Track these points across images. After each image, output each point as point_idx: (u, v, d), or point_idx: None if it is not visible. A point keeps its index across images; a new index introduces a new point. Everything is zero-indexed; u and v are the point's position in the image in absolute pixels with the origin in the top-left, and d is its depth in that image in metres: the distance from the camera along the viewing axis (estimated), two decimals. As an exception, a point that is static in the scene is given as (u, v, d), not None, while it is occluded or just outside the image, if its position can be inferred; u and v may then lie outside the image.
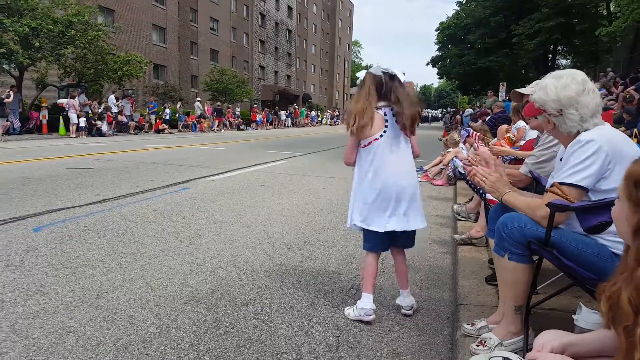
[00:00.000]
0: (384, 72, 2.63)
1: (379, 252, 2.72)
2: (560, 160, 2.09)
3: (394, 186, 2.57)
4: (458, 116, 22.78)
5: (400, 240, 2.71)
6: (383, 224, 2.58)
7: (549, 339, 1.48)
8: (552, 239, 1.84)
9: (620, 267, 1.18)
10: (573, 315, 1.81)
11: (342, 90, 79.21)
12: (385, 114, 2.60)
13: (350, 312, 2.66)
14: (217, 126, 28.36)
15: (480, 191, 3.27)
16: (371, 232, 2.62)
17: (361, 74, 2.70)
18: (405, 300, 2.73)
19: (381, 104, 2.61)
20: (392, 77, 2.62)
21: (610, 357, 1.27)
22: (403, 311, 2.73)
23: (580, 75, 2.00)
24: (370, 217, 2.61)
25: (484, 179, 2.12)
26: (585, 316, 1.75)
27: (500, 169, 2.15)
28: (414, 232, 2.72)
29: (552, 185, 1.88)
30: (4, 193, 5.88)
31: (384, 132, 2.59)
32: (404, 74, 2.68)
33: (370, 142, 2.59)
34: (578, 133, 1.97)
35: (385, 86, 2.60)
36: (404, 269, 2.76)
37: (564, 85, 1.95)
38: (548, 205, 1.79)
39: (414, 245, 2.81)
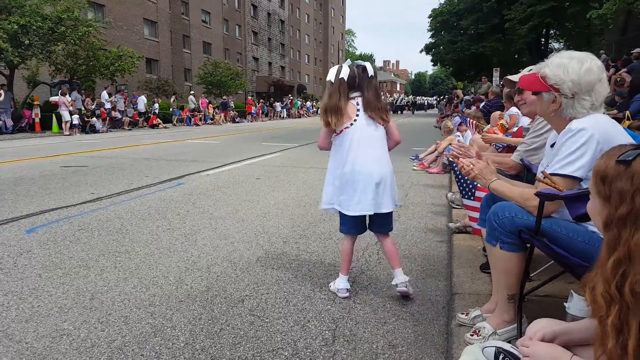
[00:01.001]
0: (356, 65, 2.80)
1: (354, 236, 2.89)
2: (552, 147, 2.07)
3: (361, 172, 2.71)
4: (458, 92, 22.17)
5: (376, 225, 2.85)
6: (352, 208, 2.74)
7: (540, 327, 1.49)
8: (542, 228, 1.84)
9: (599, 258, 1.19)
10: (565, 303, 1.81)
11: (336, 79, 78.67)
12: (357, 104, 2.77)
13: (331, 285, 2.95)
14: (224, 119, 29.43)
15: (463, 184, 3.26)
16: (344, 216, 2.80)
17: (333, 69, 2.84)
18: (399, 277, 2.80)
19: (355, 94, 2.79)
20: (364, 69, 2.79)
21: None
22: (399, 288, 2.77)
23: (599, 62, 1.95)
24: (340, 201, 2.79)
25: (471, 167, 2.11)
26: (577, 304, 1.75)
27: (487, 157, 2.13)
28: (388, 215, 2.82)
29: (543, 176, 1.86)
30: (-3, 194, 5.85)
31: (355, 120, 2.75)
32: (394, 64, 2.70)
33: (342, 130, 2.76)
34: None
35: (358, 78, 2.77)
36: (391, 249, 2.85)
37: (588, 69, 1.87)
38: (537, 194, 1.78)
39: (392, 229, 2.90)
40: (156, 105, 24.26)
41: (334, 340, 2.33)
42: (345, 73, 2.76)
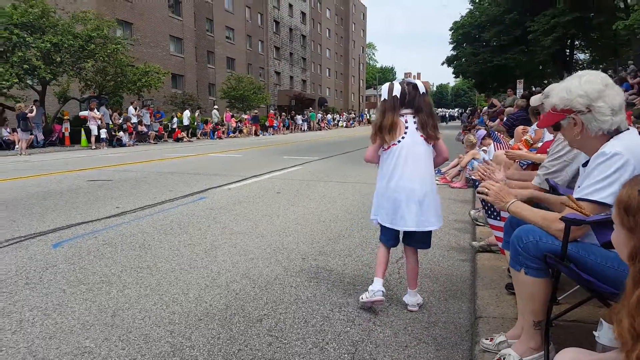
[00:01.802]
0: (407, 83, 2.87)
1: (388, 247, 2.95)
2: (584, 166, 2.00)
3: (405, 188, 2.77)
4: (495, 101, 21.56)
5: (413, 240, 2.92)
6: (391, 221, 2.82)
7: (569, 359, 1.42)
8: (569, 253, 1.78)
9: (625, 292, 1.14)
10: (594, 332, 1.74)
11: (357, 92, 79.15)
12: (406, 121, 2.82)
13: (363, 296, 2.92)
14: (255, 132, 31.35)
15: (487, 203, 3.20)
16: (383, 227, 2.90)
17: (385, 86, 2.92)
18: (411, 299, 2.92)
19: (405, 111, 2.84)
20: (414, 86, 2.85)
21: None
22: (409, 307, 2.92)
23: (601, 73, 1.96)
24: (382, 213, 2.87)
25: (487, 190, 2.07)
26: (607, 333, 1.67)
27: (509, 182, 2.08)
28: (428, 233, 2.88)
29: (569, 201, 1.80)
30: (26, 208, 6.00)
31: (402, 138, 2.80)
32: (415, 76, 2.72)
33: (389, 146, 2.82)
34: (608, 134, 1.88)
35: (409, 95, 2.83)
36: (412, 268, 2.94)
37: (588, 80, 1.89)
38: (562, 219, 1.72)
39: (430, 247, 2.97)
40: (175, 120, 24.55)
41: (353, 364, 2.29)
42: (397, 90, 2.83)
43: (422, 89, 2.84)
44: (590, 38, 31.84)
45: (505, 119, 9.69)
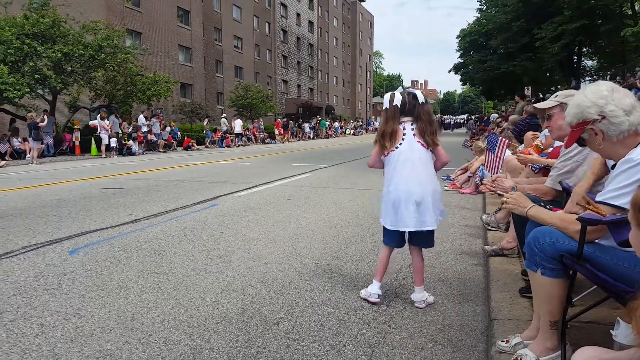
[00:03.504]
0: (407, 93, 3.06)
1: (392, 247, 3.14)
2: (612, 168, 2.02)
3: (404, 191, 2.97)
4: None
5: (416, 240, 3.08)
6: (393, 223, 3.01)
7: (587, 357, 1.44)
8: (585, 253, 1.80)
9: None
10: (611, 331, 1.76)
11: (364, 100, 79.28)
12: (404, 129, 3.02)
13: (363, 291, 3.20)
14: (285, 139, 33.12)
15: None
16: (385, 229, 3.09)
17: (387, 96, 3.09)
18: (417, 296, 3.07)
19: (404, 119, 3.05)
20: (414, 96, 3.04)
21: None
22: (416, 305, 3.06)
23: (603, 82, 2.03)
24: (385, 216, 3.06)
25: (505, 200, 2.12)
26: (624, 331, 1.69)
27: (522, 185, 2.12)
28: (429, 233, 3.05)
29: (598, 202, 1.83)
30: (41, 216, 6.10)
31: (400, 144, 3.01)
32: (422, 84, 2.83)
33: (389, 152, 3.04)
34: (635, 133, 1.91)
35: (409, 104, 3.02)
36: (418, 266, 3.09)
37: (591, 90, 1.96)
38: (579, 219, 1.75)
39: (433, 245, 3.13)
40: (168, 129, 23.87)
41: (370, 365, 2.31)
42: (398, 100, 3.02)
43: (421, 99, 3.03)
44: (598, 45, 31.73)
45: (512, 127, 9.69)
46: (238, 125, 28.69)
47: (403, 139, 3.00)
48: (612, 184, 1.86)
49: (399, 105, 3.00)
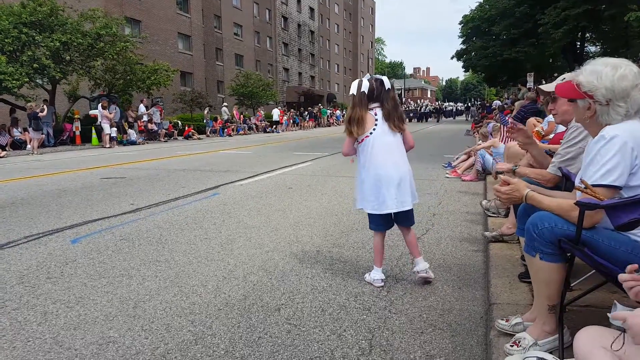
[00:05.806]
0: (375, 79, 3.13)
1: (382, 232, 3.25)
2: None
3: (383, 175, 3.07)
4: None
5: (400, 220, 3.21)
6: (377, 207, 3.11)
7: (589, 334, 1.46)
8: (583, 237, 1.81)
9: None
10: (608, 314, 1.77)
11: (366, 88, 78.78)
12: (375, 114, 3.11)
13: (366, 276, 3.28)
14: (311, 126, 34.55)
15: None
16: (371, 215, 3.18)
17: (355, 83, 3.14)
18: (420, 265, 3.17)
19: (373, 105, 3.12)
20: (381, 82, 3.12)
21: None
22: (420, 274, 3.16)
23: (636, 68, 1.91)
24: (367, 202, 3.14)
25: (499, 193, 2.12)
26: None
27: (524, 170, 2.11)
28: (409, 212, 3.17)
29: (583, 186, 1.83)
30: (43, 205, 6.12)
31: (374, 129, 3.09)
32: (425, 71, 2.83)
33: (363, 139, 3.11)
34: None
35: (376, 90, 3.10)
36: (412, 240, 3.22)
37: (622, 75, 1.85)
38: (577, 204, 1.76)
39: (414, 223, 3.26)
40: (157, 115, 22.32)
41: (370, 350, 2.34)
42: (365, 87, 3.08)
43: (387, 85, 3.12)
44: (601, 30, 31.40)
45: (515, 112, 9.65)
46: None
47: (376, 124, 3.09)
48: (592, 165, 1.86)
49: (366, 92, 3.07)
